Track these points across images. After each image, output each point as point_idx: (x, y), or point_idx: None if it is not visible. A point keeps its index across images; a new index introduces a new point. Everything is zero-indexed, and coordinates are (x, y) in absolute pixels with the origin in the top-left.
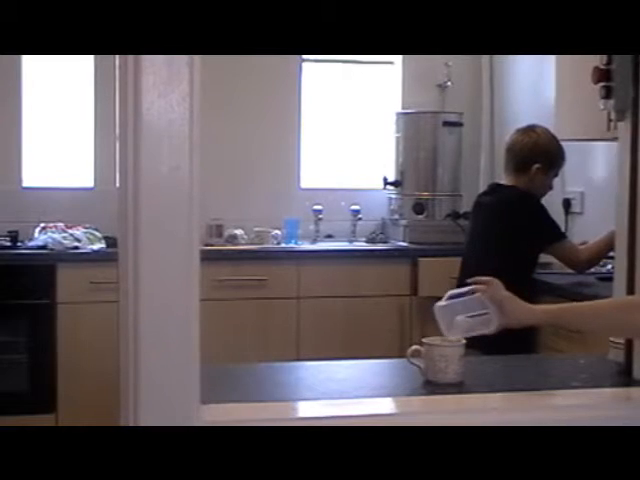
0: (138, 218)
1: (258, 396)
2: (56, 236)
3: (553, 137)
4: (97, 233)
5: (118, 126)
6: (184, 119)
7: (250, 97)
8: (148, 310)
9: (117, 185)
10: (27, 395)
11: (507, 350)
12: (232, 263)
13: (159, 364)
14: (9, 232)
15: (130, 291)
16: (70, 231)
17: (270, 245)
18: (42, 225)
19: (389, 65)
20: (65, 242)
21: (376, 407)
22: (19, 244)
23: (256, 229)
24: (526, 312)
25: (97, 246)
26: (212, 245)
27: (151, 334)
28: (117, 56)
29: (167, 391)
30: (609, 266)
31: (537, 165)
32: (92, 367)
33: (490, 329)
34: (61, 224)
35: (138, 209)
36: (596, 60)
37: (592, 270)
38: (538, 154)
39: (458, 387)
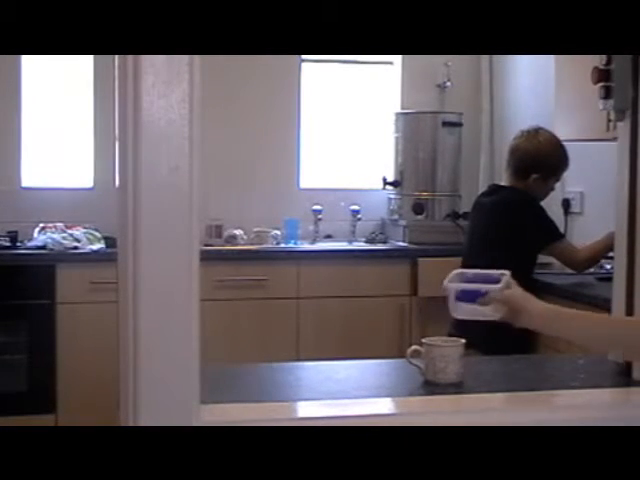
0: (138, 218)
1: (258, 396)
2: (55, 236)
3: (557, 144)
4: (97, 233)
5: (118, 126)
6: (184, 119)
7: (250, 97)
8: (148, 310)
9: (117, 185)
10: (27, 395)
11: (507, 350)
12: (232, 263)
13: (159, 364)
14: (8, 232)
15: (130, 291)
16: (70, 231)
17: (270, 245)
18: (41, 225)
19: (388, 65)
20: (65, 242)
21: (376, 407)
22: (18, 244)
23: (256, 229)
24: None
25: (97, 246)
26: (212, 245)
27: (151, 334)
28: (117, 56)
29: (167, 391)
30: (608, 266)
31: (535, 175)
32: (92, 367)
33: (494, 318)
34: (60, 224)
35: (138, 209)
36: (596, 60)
37: (591, 270)
38: (538, 164)
39: (458, 387)
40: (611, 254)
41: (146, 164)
